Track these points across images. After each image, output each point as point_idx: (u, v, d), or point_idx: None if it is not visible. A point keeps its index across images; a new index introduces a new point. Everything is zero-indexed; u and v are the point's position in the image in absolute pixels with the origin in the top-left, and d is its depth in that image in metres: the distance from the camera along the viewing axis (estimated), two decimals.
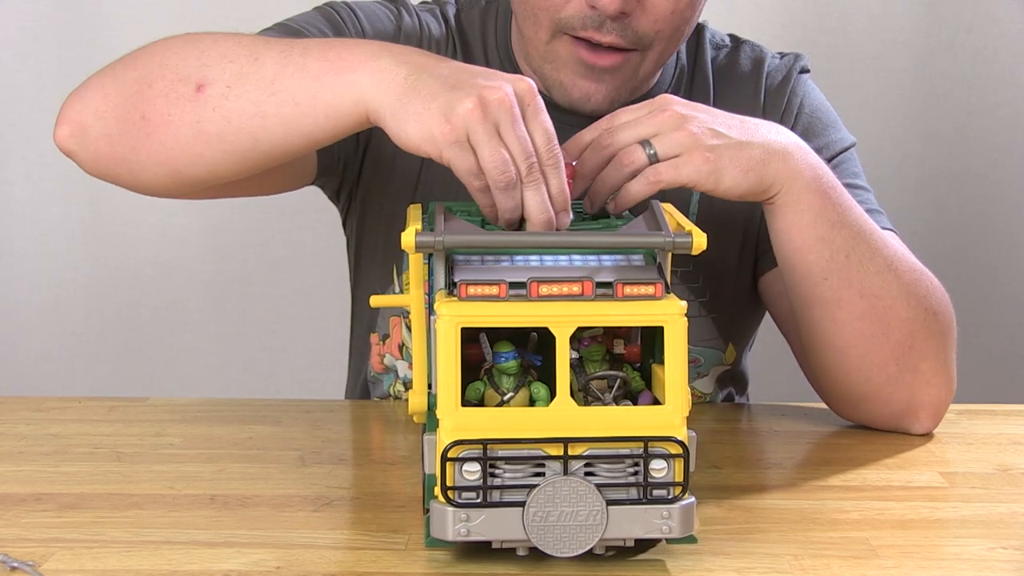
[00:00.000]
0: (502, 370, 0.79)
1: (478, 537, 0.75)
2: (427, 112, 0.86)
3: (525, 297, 0.75)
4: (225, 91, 0.96)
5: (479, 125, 0.85)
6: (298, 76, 0.93)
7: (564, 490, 0.74)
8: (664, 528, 0.76)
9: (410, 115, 0.87)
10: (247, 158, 0.98)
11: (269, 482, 0.94)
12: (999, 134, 2.12)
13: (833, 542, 0.83)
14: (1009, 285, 2.16)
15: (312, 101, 0.93)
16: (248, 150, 0.97)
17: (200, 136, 0.97)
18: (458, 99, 0.85)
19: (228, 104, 0.96)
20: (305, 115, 0.93)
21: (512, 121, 0.86)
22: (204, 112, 0.96)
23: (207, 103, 0.96)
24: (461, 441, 0.74)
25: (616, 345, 0.83)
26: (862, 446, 1.05)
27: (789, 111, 1.21)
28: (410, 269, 0.87)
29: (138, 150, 1.00)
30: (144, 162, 1.01)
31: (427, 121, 0.86)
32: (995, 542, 0.83)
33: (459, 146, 0.85)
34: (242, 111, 0.95)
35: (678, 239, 0.79)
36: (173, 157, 0.99)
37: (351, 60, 0.92)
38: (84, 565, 0.78)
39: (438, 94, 0.86)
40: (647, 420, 0.76)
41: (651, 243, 0.81)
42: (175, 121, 0.98)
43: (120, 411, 1.13)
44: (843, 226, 1.01)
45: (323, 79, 0.92)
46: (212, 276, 2.22)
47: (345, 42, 0.95)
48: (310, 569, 0.77)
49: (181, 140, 0.98)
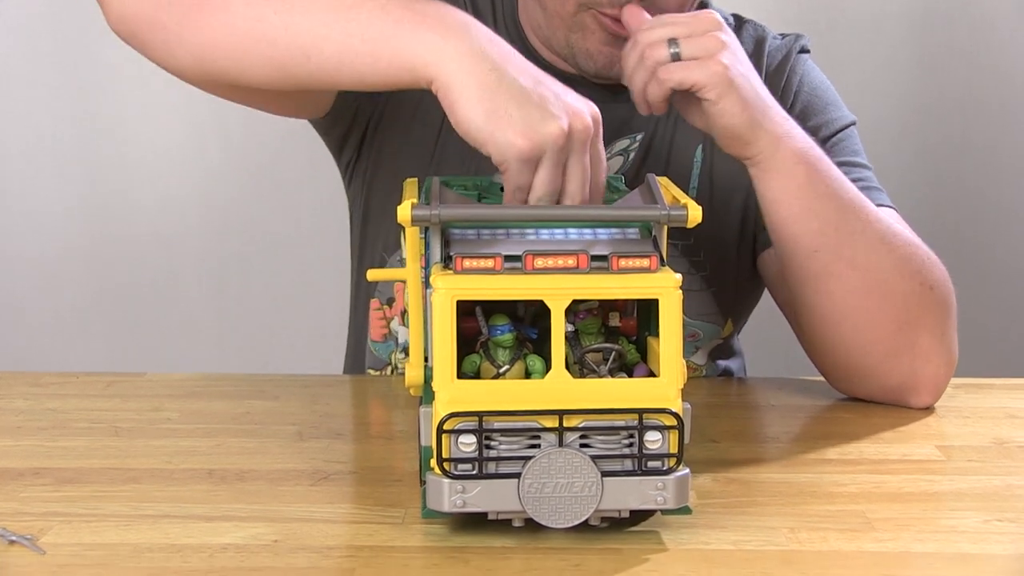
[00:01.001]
0: (498, 343, 0.79)
1: (474, 508, 0.75)
2: (508, 118, 0.85)
3: (520, 270, 0.75)
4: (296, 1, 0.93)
5: (557, 153, 0.85)
6: (377, 13, 0.91)
7: (559, 461, 0.74)
8: (659, 499, 0.76)
9: (487, 111, 0.85)
10: (288, 73, 0.95)
11: (267, 456, 0.94)
12: (997, 107, 2.12)
13: (829, 515, 0.83)
14: (1007, 258, 2.16)
15: (382, 44, 0.90)
16: (294, 66, 0.94)
17: (252, 33, 0.95)
18: (544, 119, 0.85)
19: (294, 12, 0.93)
20: (369, 54, 0.91)
21: (583, 152, 0.86)
22: (266, 12, 0.94)
23: (272, 3, 0.94)
24: (457, 413, 0.74)
25: (612, 318, 0.83)
26: (859, 420, 1.05)
27: (788, 89, 1.21)
28: (406, 243, 0.87)
29: (183, 23, 0.98)
30: (182, 39, 0.98)
31: (505, 127, 0.85)
32: (991, 515, 0.83)
33: (525, 162, 0.85)
34: (306, 26, 0.93)
35: (673, 212, 0.79)
36: (216, 44, 0.97)
37: (437, 23, 0.89)
38: (82, 539, 0.78)
39: (523, 104, 0.85)
40: (642, 392, 0.76)
41: (647, 216, 0.80)
42: (234, 9, 0.95)
43: (118, 386, 1.13)
44: (831, 198, 1.02)
45: (402, 26, 0.90)
46: (210, 251, 2.22)
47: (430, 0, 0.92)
48: (308, 543, 0.78)
49: (231, 30, 0.95)
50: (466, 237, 0.80)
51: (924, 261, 1.06)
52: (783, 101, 1.19)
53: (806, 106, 1.20)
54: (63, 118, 2.10)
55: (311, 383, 1.15)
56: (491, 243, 0.79)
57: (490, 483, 0.75)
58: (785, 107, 1.19)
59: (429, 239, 0.81)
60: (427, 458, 0.78)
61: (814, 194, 1.01)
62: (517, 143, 0.84)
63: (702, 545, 0.78)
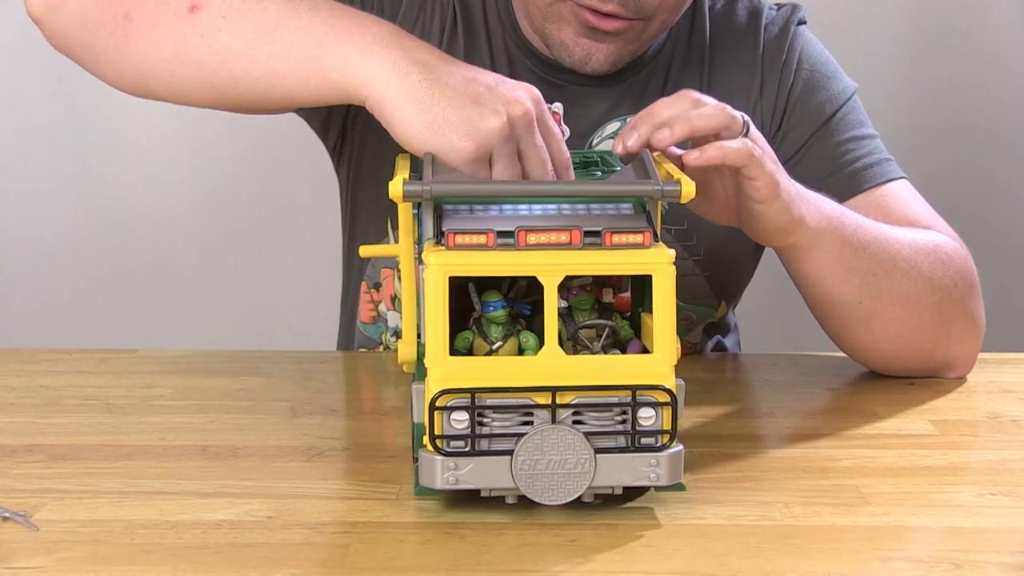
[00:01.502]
0: (491, 319, 0.79)
1: (466, 485, 0.75)
2: (448, 124, 0.85)
3: (513, 246, 0.75)
4: (220, 21, 0.93)
5: (505, 145, 0.85)
6: (301, 34, 0.91)
7: (552, 438, 0.74)
8: (652, 476, 0.76)
9: (426, 122, 0.85)
10: (219, 94, 0.96)
11: (260, 433, 0.94)
12: (992, 83, 2.12)
13: (824, 490, 0.83)
14: (1002, 234, 2.16)
15: (307, 64, 0.91)
16: (223, 87, 0.95)
17: (179, 57, 0.95)
18: (483, 116, 0.85)
19: (219, 35, 0.93)
20: (295, 74, 0.92)
21: (532, 134, 0.86)
22: (191, 35, 0.94)
23: (197, 27, 0.94)
24: (449, 390, 0.74)
25: (605, 294, 0.83)
26: (854, 395, 1.05)
27: (788, 66, 1.20)
28: (399, 219, 0.87)
29: (111, 47, 0.98)
30: (113, 60, 0.99)
31: (447, 134, 0.85)
32: (984, 488, 0.83)
33: (477, 163, 0.85)
34: (230, 47, 0.93)
35: (667, 187, 0.78)
36: (144, 67, 0.97)
37: (360, 39, 0.89)
38: (75, 515, 0.78)
39: (460, 107, 0.85)
40: (635, 369, 0.76)
41: (640, 191, 0.80)
42: (159, 32, 0.95)
43: (111, 363, 1.13)
44: (864, 250, 1.01)
45: (327, 47, 0.90)
46: (203, 228, 2.22)
47: (355, 15, 0.92)
48: (301, 519, 0.78)
49: (158, 53, 0.96)
50: (459, 213, 0.79)
51: (944, 259, 1.07)
52: (783, 79, 1.18)
53: (808, 83, 1.19)
54: (55, 99, 2.09)
55: (304, 359, 1.14)
56: (483, 219, 0.78)
57: (483, 460, 0.75)
58: (786, 86, 1.18)
59: (422, 216, 0.81)
60: (419, 435, 0.78)
61: (851, 254, 1.01)
62: (462, 146, 0.84)
63: (697, 520, 0.78)
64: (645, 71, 1.18)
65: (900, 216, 1.12)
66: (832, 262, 1.00)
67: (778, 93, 1.19)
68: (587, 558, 0.72)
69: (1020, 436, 0.94)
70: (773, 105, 1.18)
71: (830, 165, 1.16)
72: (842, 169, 1.15)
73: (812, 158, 1.16)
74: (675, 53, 1.19)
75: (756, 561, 0.72)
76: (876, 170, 1.15)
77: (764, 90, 1.19)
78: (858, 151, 1.16)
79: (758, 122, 1.17)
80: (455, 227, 0.75)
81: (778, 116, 1.18)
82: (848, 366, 1.11)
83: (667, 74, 1.19)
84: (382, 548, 0.73)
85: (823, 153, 1.17)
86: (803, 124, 1.18)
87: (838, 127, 1.17)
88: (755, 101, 1.18)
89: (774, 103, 1.19)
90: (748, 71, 1.19)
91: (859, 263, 1.01)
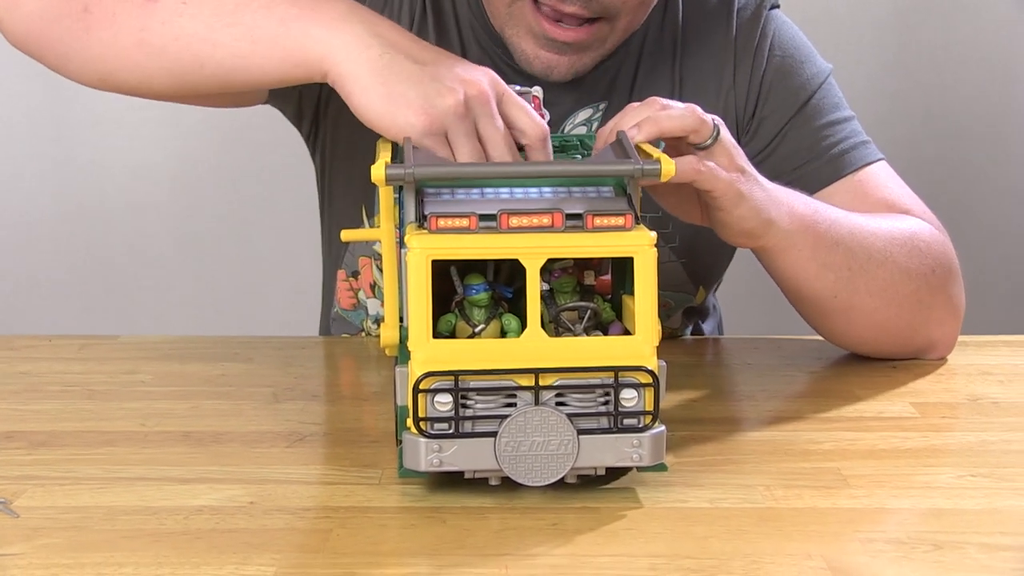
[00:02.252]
0: (473, 302, 0.79)
1: (450, 467, 0.75)
2: (404, 99, 0.85)
3: (495, 229, 0.75)
4: (179, 6, 0.93)
5: (460, 123, 0.85)
6: (262, 13, 0.91)
7: (535, 420, 0.74)
8: (635, 456, 0.76)
9: (382, 95, 0.86)
10: (184, 80, 0.95)
11: (242, 418, 0.94)
12: (972, 67, 2.12)
13: (805, 472, 0.83)
14: (981, 218, 2.17)
15: (270, 43, 0.91)
16: (188, 73, 0.94)
17: (141, 46, 0.95)
18: (439, 93, 0.85)
19: (180, 21, 0.93)
20: (259, 54, 0.92)
21: (491, 115, 0.86)
22: (151, 23, 0.94)
23: (156, 13, 0.94)
24: (433, 372, 0.74)
25: (587, 276, 0.83)
26: (835, 378, 1.06)
27: (760, 52, 1.19)
28: (380, 202, 0.86)
29: (72, 40, 0.97)
30: (75, 54, 0.98)
31: (403, 108, 0.85)
32: (965, 470, 0.84)
33: (434, 138, 0.85)
34: (193, 32, 0.93)
35: (647, 166, 0.78)
36: (107, 58, 0.96)
37: (322, 15, 0.90)
38: (56, 502, 0.78)
39: (417, 83, 0.86)
40: (617, 350, 0.76)
41: (620, 171, 0.80)
42: (119, 23, 0.95)
43: (91, 349, 1.13)
44: (838, 245, 1.01)
45: (288, 25, 0.90)
46: (184, 214, 2.21)
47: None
48: (283, 504, 0.78)
49: (120, 44, 0.95)
50: (440, 196, 0.79)
51: (920, 247, 1.07)
52: (755, 65, 1.18)
53: (780, 68, 1.18)
54: (35, 85, 2.08)
55: (286, 345, 1.14)
56: (465, 202, 0.78)
57: (466, 442, 0.75)
58: (759, 72, 1.18)
59: (403, 199, 0.80)
60: (403, 418, 0.78)
61: (824, 251, 1.00)
62: (416, 121, 0.85)
63: (678, 503, 0.78)
64: (616, 58, 1.17)
65: (879, 200, 1.12)
66: (805, 260, 1.00)
67: (751, 80, 1.18)
68: (569, 541, 0.72)
69: (1000, 418, 0.95)
70: (746, 92, 1.18)
71: (807, 152, 1.15)
72: (820, 156, 1.15)
73: (789, 145, 1.16)
74: (647, 39, 1.18)
75: (737, 544, 0.72)
76: (854, 155, 1.15)
77: (737, 77, 1.18)
78: (835, 136, 1.16)
79: (731, 109, 1.17)
80: (437, 211, 0.75)
81: (751, 103, 1.18)
82: (829, 349, 1.12)
83: (639, 60, 1.18)
84: (364, 533, 0.73)
85: (800, 140, 1.16)
86: (778, 111, 1.17)
87: (813, 112, 1.17)
88: (728, 88, 1.17)
89: (747, 90, 1.18)
90: (720, 57, 1.18)
91: (833, 259, 1.01)
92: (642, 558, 0.70)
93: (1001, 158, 2.22)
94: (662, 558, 0.70)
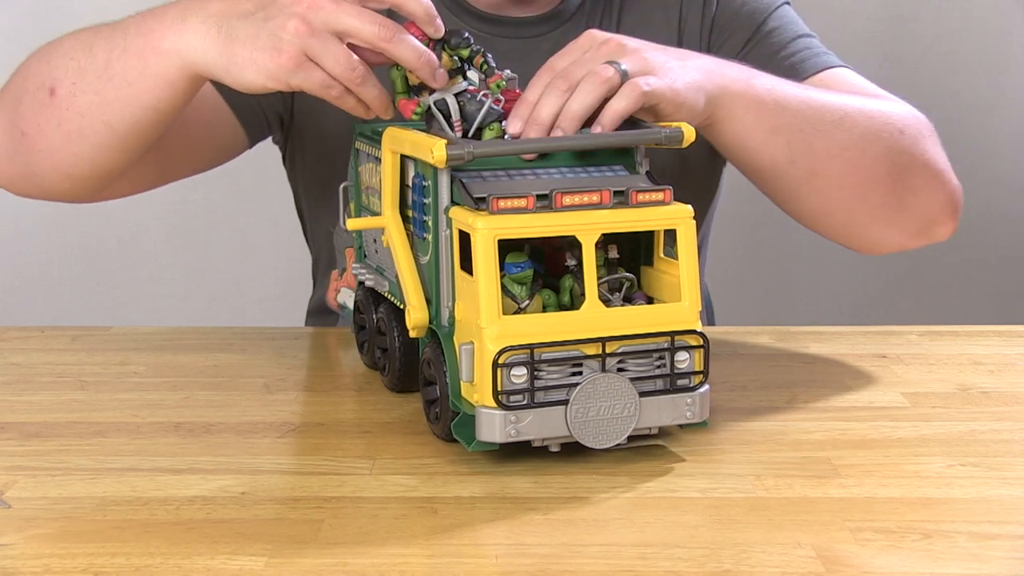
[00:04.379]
0: (517, 279, 0.82)
1: (525, 436, 0.79)
2: (257, 53, 0.88)
3: (551, 208, 0.79)
4: (72, 88, 0.98)
5: (310, 39, 0.87)
6: (124, 57, 0.96)
7: (603, 386, 0.79)
8: (688, 414, 0.82)
9: (242, 62, 0.89)
10: (116, 145, 1.00)
11: (234, 409, 0.94)
12: (966, 55, 2.12)
13: (796, 462, 0.84)
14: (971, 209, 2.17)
15: (142, 78, 0.95)
16: (111, 137, 0.99)
17: (68, 137, 1.00)
18: (279, 27, 0.87)
19: (77, 100, 0.98)
20: (143, 91, 0.96)
21: (337, 12, 0.87)
22: (61, 113, 0.99)
23: (60, 104, 0.99)
24: (510, 347, 0.77)
25: (611, 250, 0.86)
26: (826, 368, 1.06)
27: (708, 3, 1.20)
28: (383, 190, 0.88)
29: (30, 163, 1.04)
30: (39, 172, 1.04)
31: (261, 61, 0.88)
32: (954, 459, 0.84)
33: (302, 69, 0.87)
34: (89, 103, 0.98)
35: (671, 133, 0.84)
36: (56, 162, 1.02)
37: (161, 30, 0.94)
38: (48, 493, 0.78)
39: (258, 32, 0.88)
40: (668, 316, 0.81)
41: (649, 138, 0.84)
42: (43, 129, 1.01)
43: (83, 340, 1.13)
44: (784, 106, 0.99)
45: (145, 55, 0.94)
46: (176, 205, 2.21)
47: (154, 12, 0.96)
48: (275, 495, 0.78)
49: (54, 144, 1.01)
50: (474, 180, 0.82)
51: (883, 109, 1.05)
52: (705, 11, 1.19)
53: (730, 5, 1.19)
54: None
55: (278, 336, 1.14)
56: (519, 183, 0.82)
57: (540, 411, 0.78)
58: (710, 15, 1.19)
59: (421, 184, 0.83)
60: (457, 392, 0.81)
61: (769, 114, 0.98)
62: (281, 63, 0.87)
63: (669, 492, 0.78)
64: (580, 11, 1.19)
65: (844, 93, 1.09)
66: (750, 126, 0.98)
67: (702, 24, 1.19)
68: (559, 531, 0.72)
69: (989, 407, 0.95)
70: (698, 35, 1.19)
71: (767, 63, 1.12)
72: (779, 64, 1.13)
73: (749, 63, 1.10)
74: None
75: (728, 533, 0.72)
76: (815, 61, 1.14)
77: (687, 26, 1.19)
78: (794, 48, 1.15)
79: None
80: (497, 192, 0.79)
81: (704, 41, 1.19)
82: (822, 340, 1.12)
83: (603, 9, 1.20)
84: (356, 523, 0.74)
85: (759, 56, 1.15)
86: (733, 38, 1.17)
87: (772, 34, 1.16)
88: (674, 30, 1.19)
89: (699, 33, 1.19)
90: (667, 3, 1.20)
91: (780, 121, 0.99)
92: (632, 547, 0.70)
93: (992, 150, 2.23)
94: (652, 547, 0.70)
